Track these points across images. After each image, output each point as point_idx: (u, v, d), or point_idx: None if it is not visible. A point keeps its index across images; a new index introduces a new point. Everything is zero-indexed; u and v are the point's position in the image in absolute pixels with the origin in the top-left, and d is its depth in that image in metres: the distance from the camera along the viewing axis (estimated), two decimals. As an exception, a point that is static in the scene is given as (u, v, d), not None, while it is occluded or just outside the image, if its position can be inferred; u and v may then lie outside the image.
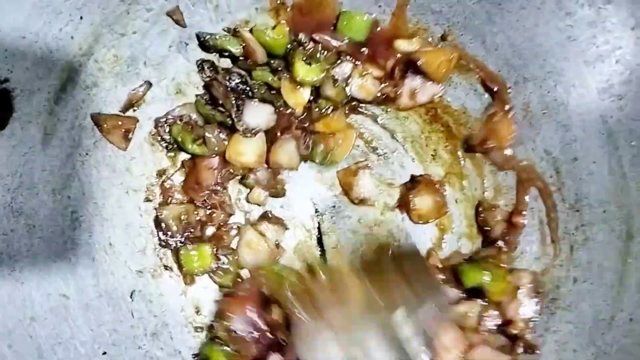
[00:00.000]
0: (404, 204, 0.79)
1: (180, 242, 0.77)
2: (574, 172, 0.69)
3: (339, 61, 0.75)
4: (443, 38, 0.74)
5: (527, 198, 0.73)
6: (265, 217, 0.79)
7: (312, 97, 0.76)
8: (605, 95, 0.65)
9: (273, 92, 0.76)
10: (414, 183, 0.78)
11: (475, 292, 0.73)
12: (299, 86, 0.75)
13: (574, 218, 0.69)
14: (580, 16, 0.64)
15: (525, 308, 0.72)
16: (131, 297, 0.75)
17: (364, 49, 0.76)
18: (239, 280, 0.78)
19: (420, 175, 0.79)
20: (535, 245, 0.73)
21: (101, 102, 0.73)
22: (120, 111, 0.74)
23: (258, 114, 0.75)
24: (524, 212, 0.73)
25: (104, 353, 0.72)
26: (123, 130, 0.75)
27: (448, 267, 0.76)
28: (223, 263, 0.77)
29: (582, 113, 0.67)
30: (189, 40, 0.75)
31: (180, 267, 0.77)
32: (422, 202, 0.78)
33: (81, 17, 0.67)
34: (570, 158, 0.69)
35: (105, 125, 0.73)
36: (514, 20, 0.68)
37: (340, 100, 0.76)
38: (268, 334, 0.74)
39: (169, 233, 0.76)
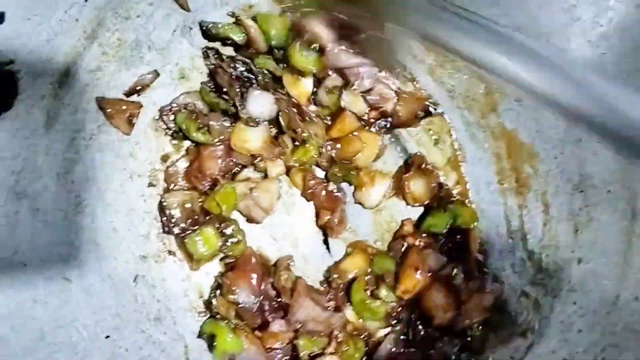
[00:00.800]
0: (399, 188, 0.80)
1: (184, 230, 0.76)
2: (578, 153, 0.69)
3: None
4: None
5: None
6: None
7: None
8: (609, 76, 0.65)
9: (276, 81, 0.76)
10: (407, 166, 0.79)
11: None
12: (300, 76, 0.75)
13: (578, 199, 0.69)
14: (584, -6, 0.64)
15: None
16: (134, 281, 0.75)
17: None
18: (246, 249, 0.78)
19: (414, 154, 0.79)
20: (538, 227, 0.73)
21: (105, 86, 0.73)
22: (124, 94, 0.75)
23: (262, 103, 0.75)
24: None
25: (107, 337, 0.71)
26: (127, 114, 0.75)
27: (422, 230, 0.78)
28: (229, 236, 0.77)
29: (586, 93, 0.67)
30: (193, 24, 0.76)
31: (190, 256, 0.76)
32: (416, 184, 0.78)
33: (86, 0, 0.67)
34: (574, 139, 0.69)
35: (109, 110, 0.73)
36: (518, 1, 0.68)
37: (335, 108, 0.77)
38: (273, 302, 0.74)
39: (173, 220, 0.76)
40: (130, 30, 0.72)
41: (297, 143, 0.77)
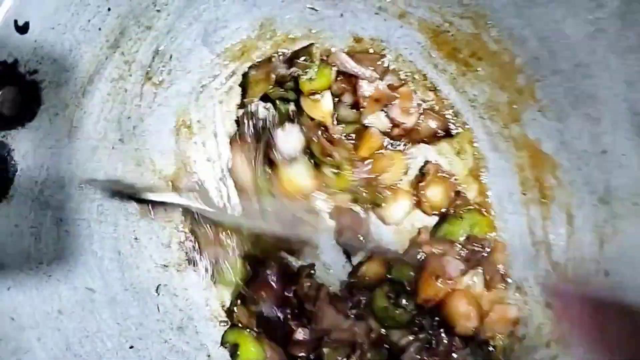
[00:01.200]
0: (416, 197, 0.80)
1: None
2: (602, 165, 0.69)
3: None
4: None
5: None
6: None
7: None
8: (635, 88, 0.65)
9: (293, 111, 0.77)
10: (422, 175, 0.79)
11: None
12: (317, 96, 0.75)
13: (603, 211, 0.69)
14: (611, 8, 0.64)
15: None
16: (157, 291, 0.75)
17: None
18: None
19: (428, 162, 0.79)
20: (562, 239, 0.73)
21: (127, 95, 0.73)
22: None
23: (290, 138, 0.75)
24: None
25: (131, 347, 0.71)
26: (148, 124, 0.75)
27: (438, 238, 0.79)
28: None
29: (611, 105, 0.67)
30: (214, 33, 0.75)
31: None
32: (433, 192, 0.78)
33: (109, 9, 0.67)
34: (598, 151, 0.69)
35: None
36: (543, 12, 0.68)
37: (359, 124, 0.77)
38: (295, 310, 0.74)
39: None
40: (152, 38, 0.72)
41: (334, 171, 0.77)
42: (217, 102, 0.79)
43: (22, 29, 0.62)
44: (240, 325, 0.76)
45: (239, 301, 0.76)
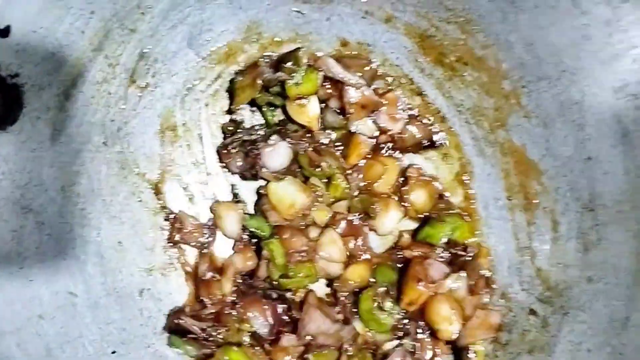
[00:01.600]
0: (400, 201, 0.79)
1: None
2: (587, 172, 0.69)
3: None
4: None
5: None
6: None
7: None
8: (620, 95, 0.65)
9: (280, 126, 0.77)
10: (405, 179, 0.79)
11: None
12: (303, 100, 0.74)
13: (587, 218, 0.69)
14: (596, 15, 0.63)
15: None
16: (140, 295, 0.75)
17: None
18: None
19: (410, 165, 0.79)
20: (547, 245, 0.73)
21: (111, 98, 0.72)
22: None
23: (277, 154, 0.74)
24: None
25: (113, 352, 0.71)
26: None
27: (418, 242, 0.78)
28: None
29: (596, 112, 0.67)
30: (199, 35, 0.75)
31: None
32: (416, 196, 0.78)
33: (92, 12, 0.67)
34: (583, 157, 0.69)
35: (114, 122, 0.73)
36: (528, 18, 0.67)
37: (346, 129, 0.77)
38: (283, 316, 0.74)
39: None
40: (136, 41, 0.72)
41: (324, 180, 0.76)
42: (203, 105, 0.79)
43: (3, 32, 0.61)
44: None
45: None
